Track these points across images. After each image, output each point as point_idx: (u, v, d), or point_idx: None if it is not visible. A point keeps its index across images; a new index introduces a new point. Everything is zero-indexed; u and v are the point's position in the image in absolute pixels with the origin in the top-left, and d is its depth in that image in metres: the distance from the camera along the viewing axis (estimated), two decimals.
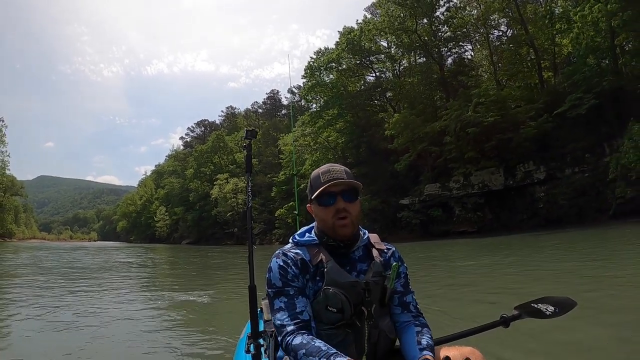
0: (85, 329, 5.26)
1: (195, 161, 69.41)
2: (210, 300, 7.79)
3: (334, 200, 1.48)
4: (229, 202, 55.04)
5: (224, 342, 4.47)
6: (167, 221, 78.48)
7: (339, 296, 1.42)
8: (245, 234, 52.07)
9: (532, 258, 11.76)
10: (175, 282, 11.95)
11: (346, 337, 1.44)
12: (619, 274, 7.20)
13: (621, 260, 9.02)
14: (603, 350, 3.47)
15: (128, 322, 5.69)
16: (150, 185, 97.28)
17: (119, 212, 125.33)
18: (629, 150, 20.75)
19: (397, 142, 26.73)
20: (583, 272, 7.99)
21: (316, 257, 1.51)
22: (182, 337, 4.94)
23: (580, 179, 24.94)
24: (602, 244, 13.79)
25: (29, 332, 5.15)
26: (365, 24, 35.59)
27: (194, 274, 14.94)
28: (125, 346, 4.50)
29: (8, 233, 76.53)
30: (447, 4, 33.94)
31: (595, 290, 5.88)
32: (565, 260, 10.32)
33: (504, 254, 13.71)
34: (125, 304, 7.31)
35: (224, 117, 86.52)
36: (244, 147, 2.31)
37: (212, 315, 6.45)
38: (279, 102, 78.81)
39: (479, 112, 23.17)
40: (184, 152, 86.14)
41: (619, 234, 15.82)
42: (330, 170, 1.52)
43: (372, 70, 38.19)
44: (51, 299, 7.73)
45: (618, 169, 21.51)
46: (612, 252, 10.93)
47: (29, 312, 6.46)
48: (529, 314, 1.69)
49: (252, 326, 1.87)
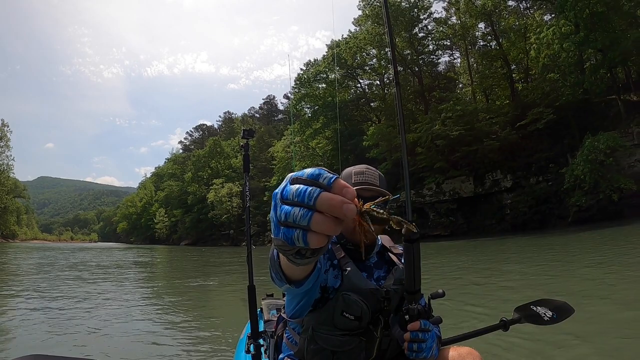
0: (85, 327, 5.38)
1: (193, 165, 71.88)
2: (210, 300, 8.09)
3: None
4: (224, 206, 57.42)
5: (224, 343, 4.54)
6: (167, 223, 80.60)
7: (359, 304, 1.36)
8: (240, 236, 54.56)
9: (497, 259, 13.20)
10: (174, 282, 12.09)
11: (359, 345, 1.39)
12: (572, 273, 8.21)
13: (571, 263, 9.92)
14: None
15: (128, 322, 5.80)
16: (150, 188, 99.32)
17: (120, 213, 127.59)
18: (580, 162, 22.85)
19: (374, 152, 28.94)
20: (543, 272, 8.69)
21: (338, 253, 1.47)
22: (182, 337, 5.01)
23: (543, 188, 26.90)
24: (557, 248, 14.69)
25: (43, 327, 5.41)
26: (351, 38, 37.77)
27: (193, 274, 15.03)
28: (125, 346, 4.58)
29: (11, 234, 78.68)
30: (426, 19, 36.11)
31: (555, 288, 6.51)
32: (523, 262, 11.08)
33: (474, 255, 15.47)
34: (125, 304, 7.45)
35: (222, 121, 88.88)
36: (242, 147, 2.30)
37: (212, 315, 6.49)
38: (275, 107, 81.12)
39: (447, 126, 25.32)
40: (183, 156, 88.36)
41: (575, 239, 16.98)
42: (364, 172, 1.47)
43: (357, 82, 40.42)
44: (63, 296, 8.21)
45: (572, 180, 23.57)
46: (567, 256, 11.81)
47: (50, 305, 6.99)
48: (528, 319, 1.71)
49: (252, 326, 1.87)
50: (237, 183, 59.30)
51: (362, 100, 39.55)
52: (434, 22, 36.30)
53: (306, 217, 0.50)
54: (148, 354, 4.28)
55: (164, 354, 4.27)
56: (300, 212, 0.51)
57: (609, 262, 8.80)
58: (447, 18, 36.91)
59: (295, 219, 0.51)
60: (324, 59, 39.58)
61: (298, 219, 0.51)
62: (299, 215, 0.51)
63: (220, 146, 68.42)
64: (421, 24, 35.92)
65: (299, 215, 0.51)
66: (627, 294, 5.55)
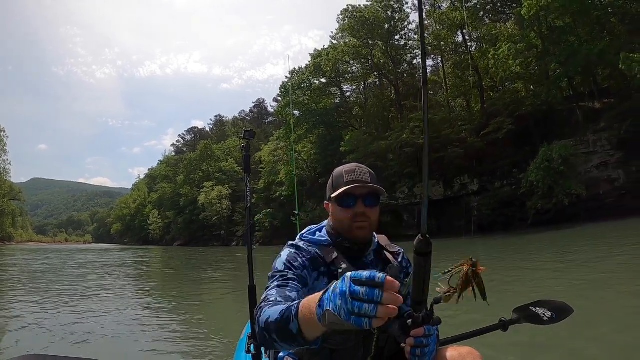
0: (85, 327, 5.46)
1: (185, 168, 73.91)
2: (210, 301, 8.22)
3: (354, 202, 1.45)
4: (214, 208, 59.42)
5: (224, 342, 4.55)
6: (160, 224, 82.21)
7: None
8: (230, 237, 56.37)
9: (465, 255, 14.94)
10: (174, 282, 12.26)
11: (357, 342, 1.41)
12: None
13: (531, 262, 10.90)
14: None
15: (127, 323, 5.83)
16: (144, 189, 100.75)
17: (114, 215, 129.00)
18: (534, 169, 24.89)
19: (350, 157, 30.95)
20: (505, 270, 9.51)
21: (330, 256, 1.49)
22: (182, 337, 5.04)
23: (507, 192, 28.56)
24: (519, 248, 15.84)
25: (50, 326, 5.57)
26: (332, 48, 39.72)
27: (192, 274, 15.24)
28: (125, 346, 4.63)
29: (7, 237, 79.61)
30: (403, 30, 38.11)
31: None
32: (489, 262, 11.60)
33: (445, 254, 16.94)
34: (125, 304, 7.51)
35: (213, 124, 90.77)
36: (243, 148, 2.31)
37: (212, 316, 6.57)
38: (265, 110, 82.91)
39: (415, 134, 27.37)
40: (175, 158, 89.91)
41: (536, 239, 18.36)
42: (355, 171, 1.49)
43: (339, 90, 42.42)
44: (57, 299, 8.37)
45: (528, 185, 25.51)
46: (527, 255, 13.02)
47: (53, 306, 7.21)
48: (527, 319, 1.73)
49: (252, 326, 1.68)
50: (227, 186, 61.27)
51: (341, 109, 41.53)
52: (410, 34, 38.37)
53: (374, 310, 0.76)
54: (148, 354, 4.34)
55: (164, 354, 4.34)
56: (369, 307, 0.76)
57: (561, 260, 10.16)
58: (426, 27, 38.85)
59: (365, 312, 0.76)
60: (306, 67, 41.48)
61: (368, 311, 0.76)
62: (369, 309, 0.76)
63: (211, 149, 70.49)
64: (398, 34, 37.96)
65: (368, 309, 0.76)
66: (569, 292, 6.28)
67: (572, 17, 25.99)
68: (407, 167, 28.88)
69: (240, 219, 54.96)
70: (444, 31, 35.91)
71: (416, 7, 37.49)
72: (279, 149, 44.79)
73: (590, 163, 25.28)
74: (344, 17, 36.84)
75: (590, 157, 25.25)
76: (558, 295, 4.51)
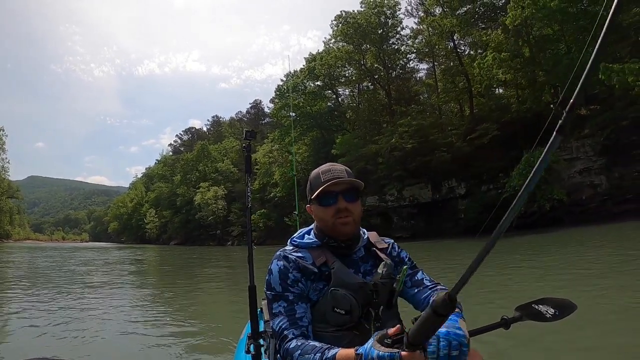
0: (85, 328, 5.49)
1: (182, 168, 74.77)
2: (209, 301, 8.31)
3: (335, 200, 1.47)
4: (210, 208, 60.30)
5: (224, 343, 4.56)
6: (157, 223, 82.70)
7: (348, 298, 1.41)
8: (226, 236, 57.14)
9: (451, 256, 15.14)
10: (173, 282, 12.26)
11: (353, 339, 1.39)
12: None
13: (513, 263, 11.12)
14: None
15: (127, 323, 5.86)
16: (141, 188, 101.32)
17: (111, 213, 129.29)
18: (517, 175, 25.72)
19: (341, 160, 31.77)
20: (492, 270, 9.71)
21: (320, 259, 1.49)
22: (182, 337, 5.03)
23: (493, 195, 29.40)
24: (502, 250, 16.39)
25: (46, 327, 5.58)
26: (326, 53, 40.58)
27: (191, 274, 15.36)
28: (125, 347, 4.66)
29: (5, 235, 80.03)
30: (395, 35, 38.96)
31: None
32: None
33: (434, 254, 17.40)
34: (125, 304, 7.55)
35: (210, 125, 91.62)
36: (244, 148, 2.34)
37: (211, 316, 6.59)
38: (262, 111, 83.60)
39: (404, 139, 28.30)
40: (172, 158, 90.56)
41: (520, 242, 18.58)
42: (330, 170, 1.50)
43: (333, 93, 43.32)
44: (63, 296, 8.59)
45: (511, 190, 26.36)
46: (511, 256, 13.46)
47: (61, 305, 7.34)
48: (529, 317, 1.72)
49: (252, 326, 1.89)
50: (223, 186, 62.10)
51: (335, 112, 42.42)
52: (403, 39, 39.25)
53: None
54: (148, 354, 4.37)
55: (164, 354, 4.36)
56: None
57: (537, 264, 10.67)
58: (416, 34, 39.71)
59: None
60: (301, 71, 42.34)
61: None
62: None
63: (207, 150, 71.32)
64: (390, 40, 38.83)
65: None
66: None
67: (559, 24, 26.69)
68: (396, 170, 29.78)
69: (235, 219, 55.81)
70: (434, 37, 36.80)
71: (409, 13, 38.64)
72: (274, 151, 45.68)
73: (574, 169, 26.14)
74: (337, 22, 37.73)
75: (574, 162, 26.10)
76: (552, 292, 4.70)
